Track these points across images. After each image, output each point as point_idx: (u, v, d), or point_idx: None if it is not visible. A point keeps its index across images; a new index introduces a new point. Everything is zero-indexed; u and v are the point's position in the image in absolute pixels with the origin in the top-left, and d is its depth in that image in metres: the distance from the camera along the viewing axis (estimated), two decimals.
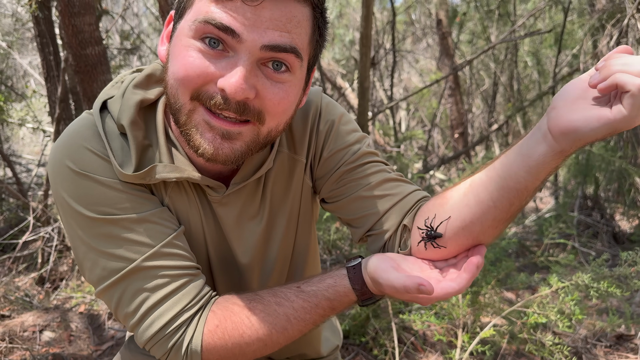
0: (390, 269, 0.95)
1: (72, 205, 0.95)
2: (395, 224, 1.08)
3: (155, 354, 0.99)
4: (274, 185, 1.12)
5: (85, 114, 1.02)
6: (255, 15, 0.83)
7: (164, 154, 0.99)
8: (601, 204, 4.19)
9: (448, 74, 5.46)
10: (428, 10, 7.78)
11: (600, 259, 1.86)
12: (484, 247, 0.97)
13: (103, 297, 0.99)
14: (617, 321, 2.20)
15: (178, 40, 0.90)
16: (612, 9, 4.09)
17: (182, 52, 0.88)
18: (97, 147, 0.96)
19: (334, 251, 3.14)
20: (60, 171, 0.95)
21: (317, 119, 1.12)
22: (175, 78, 0.89)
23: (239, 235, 1.11)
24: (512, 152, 0.88)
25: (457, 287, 0.90)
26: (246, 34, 0.84)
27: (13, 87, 5.64)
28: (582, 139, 0.78)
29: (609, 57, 0.78)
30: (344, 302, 1.01)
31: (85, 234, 0.95)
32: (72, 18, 2.55)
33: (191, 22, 0.87)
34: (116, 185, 0.95)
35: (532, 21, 5.99)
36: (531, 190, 0.88)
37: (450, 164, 6.24)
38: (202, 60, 0.87)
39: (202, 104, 0.89)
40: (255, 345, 0.99)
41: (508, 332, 2.05)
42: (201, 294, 0.99)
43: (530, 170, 0.85)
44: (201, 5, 0.86)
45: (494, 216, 0.92)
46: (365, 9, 3.33)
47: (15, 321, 2.57)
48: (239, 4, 0.83)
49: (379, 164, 1.13)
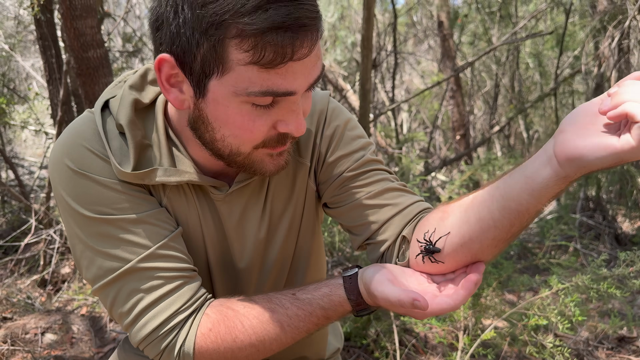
0: (386, 281, 0.94)
1: (71, 203, 0.96)
2: (394, 234, 1.07)
3: (149, 354, 0.99)
4: (278, 187, 1.12)
5: (87, 112, 1.02)
6: (302, 66, 0.84)
7: (164, 155, 0.99)
8: (603, 206, 4.19)
9: (449, 76, 5.47)
10: (429, 12, 7.79)
11: (599, 260, 1.86)
12: (483, 264, 0.96)
13: (99, 295, 0.99)
14: (618, 323, 2.19)
15: (221, 104, 0.88)
16: (613, 10, 4.09)
17: (235, 116, 0.88)
18: (97, 147, 0.97)
19: (335, 253, 3.14)
20: (60, 170, 0.96)
21: (323, 123, 1.12)
22: (235, 139, 0.92)
23: (240, 234, 1.11)
24: (516, 173, 0.86)
25: (453, 304, 0.89)
26: (300, 86, 0.86)
27: (16, 89, 5.66)
28: (588, 166, 0.76)
29: (622, 83, 0.76)
30: (338, 311, 1.01)
31: (83, 232, 0.96)
32: (74, 21, 2.56)
33: (241, 91, 0.84)
34: (114, 185, 0.96)
35: (534, 23, 6.00)
36: (533, 212, 0.86)
37: (452, 165, 6.24)
38: (263, 121, 0.89)
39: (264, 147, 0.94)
40: (248, 350, 0.99)
41: (509, 334, 2.05)
42: (196, 296, 0.99)
43: (533, 193, 0.83)
44: (250, 75, 0.83)
45: (493, 235, 0.91)
46: (366, 11, 3.34)
47: (17, 323, 2.57)
48: (290, 64, 0.83)
49: (382, 172, 1.12)
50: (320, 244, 1.28)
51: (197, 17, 0.80)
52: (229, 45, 0.81)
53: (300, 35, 0.81)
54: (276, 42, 0.79)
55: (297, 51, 0.81)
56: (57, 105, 3.78)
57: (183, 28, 0.82)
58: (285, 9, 0.78)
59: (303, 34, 0.81)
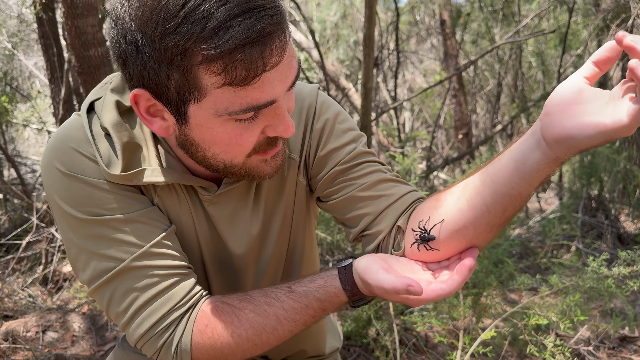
0: (380, 269, 0.94)
1: (63, 206, 0.96)
2: (389, 225, 1.07)
3: (147, 352, 0.99)
4: (268, 184, 1.12)
5: (74, 115, 1.02)
6: (278, 72, 0.83)
7: (152, 157, 0.99)
8: (606, 205, 4.17)
9: (452, 75, 5.46)
10: (432, 10, 7.78)
11: (599, 259, 1.85)
12: (477, 249, 0.97)
13: (95, 296, 1.00)
14: (620, 323, 2.18)
15: (205, 127, 0.87)
16: (617, 8, 4.07)
17: (222, 135, 0.88)
18: (85, 148, 0.96)
19: (337, 252, 3.13)
20: (50, 173, 0.97)
21: (312, 117, 1.12)
22: (227, 154, 0.92)
23: (232, 234, 1.10)
24: (505, 157, 0.87)
25: (448, 289, 0.89)
26: (279, 93, 0.85)
27: (18, 88, 5.67)
28: (577, 146, 0.76)
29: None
30: (334, 302, 1.01)
31: (76, 235, 0.97)
32: (75, 19, 2.56)
33: (221, 112, 0.83)
34: (104, 185, 0.96)
35: (537, 21, 5.98)
36: (525, 196, 0.87)
37: (455, 164, 6.23)
38: (250, 132, 0.89)
39: (256, 153, 0.95)
40: (245, 345, 0.99)
41: (510, 333, 2.04)
42: (191, 293, 1.00)
43: (524, 177, 0.83)
44: (227, 95, 0.81)
45: (487, 221, 0.91)
46: (368, 10, 3.33)
47: (19, 321, 2.58)
48: (264, 75, 0.81)
49: (375, 163, 1.12)
50: (312, 238, 1.29)
51: (159, 50, 0.78)
52: (198, 72, 0.79)
53: (267, 44, 0.79)
54: (245, 58, 0.77)
55: (268, 61, 0.80)
56: (58, 103, 3.79)
57: (149, 62, 0.80)
58: (246, 22, 0.76)
59: (271, 42, 0.79)
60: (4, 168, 4.84)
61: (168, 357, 0.97)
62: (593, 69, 0.79)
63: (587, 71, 0.79)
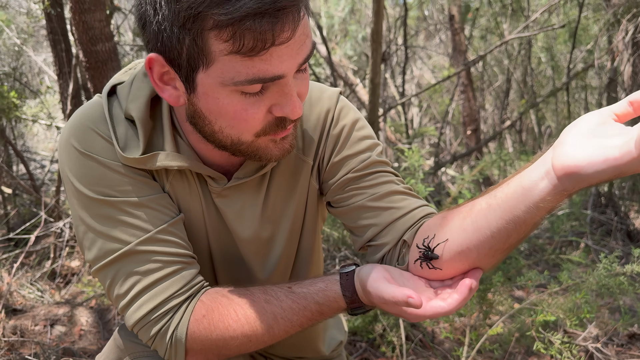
0: (381, 279, 0.94)
1: (75, 184, 0.97)
2: (395, 238, 1.06)
3: (142, 337, 1.00)
4: (278, 185, 1.11)
5: (96, 97, 1.04)
6: (288, 48, 0.82)
7: (168, 142, 1.00)
8: (615, 202, 4.14)
9: (460, 70, 5.42)
10: (441, 5, 7.73)
11: (611, 256, 1.84)
12: (481, 270, 0.95)
13: (98, 276, 1.01)
14: (629, 320, 2.16)
15: (211, 97, 0.87)
16: (627, 3, 4.02)
17: (227, 107, 0.88)
18: (103, 130, 0.98)
19: (343, 248, 3.13)
20: (66, 150, 0.98)
21: (330, 122, 1.11)
22: (233, 129, 0.91)
23: (241, 229, 1.10)
24: (514, 182, 0.85)
25: (447, 308, 0.88)
26: (288, 69, 0.85)
27: (28, 84, 5.70)
28: (586, 180, 0.73)
29: None
30: (333, 307, 1.00)
31: (86, 213, 0.98)
32: (83, 14, 2.57)
33: (227, 81, 0.83)
34: (118, 167, 0.97)
35: (546, 16, 5.92)
36: (530, 224, 0.85)
37: (463, 160, 6.20)
38: (256, 108, 0.88)
39: (265, 134, 0.94)
40: (240, 339, 0.99)
41: (517, 330, 2.03)
42: (192, 282, 1.00)
43: (530, 205, 0.81)
44: (234, 64, 0.82)
45: (490, 245, 0.89)
46: (375, 4, 3.31)
47: (27, 315, 2.60)
48: (273, 49, 0.81)
49: (388, 174, 1.11)
50: (319, 242, 1.28)
51: (174, 12, 0.79)
52: (208, 37, 0.80)
53: (280, 18, 0.79)
54: (254, 28, 0.77)
55: (278, 36, 0.79)
56: (66, 99, 3.80)
57: (163, 25, 0.81)
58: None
59: (283, 17, 0.79)
60: (13, 163, 4.87)
61: (163, 344, 0.98)
62: (627, 108, 0.76)
63: (620, 108, 0.76)
